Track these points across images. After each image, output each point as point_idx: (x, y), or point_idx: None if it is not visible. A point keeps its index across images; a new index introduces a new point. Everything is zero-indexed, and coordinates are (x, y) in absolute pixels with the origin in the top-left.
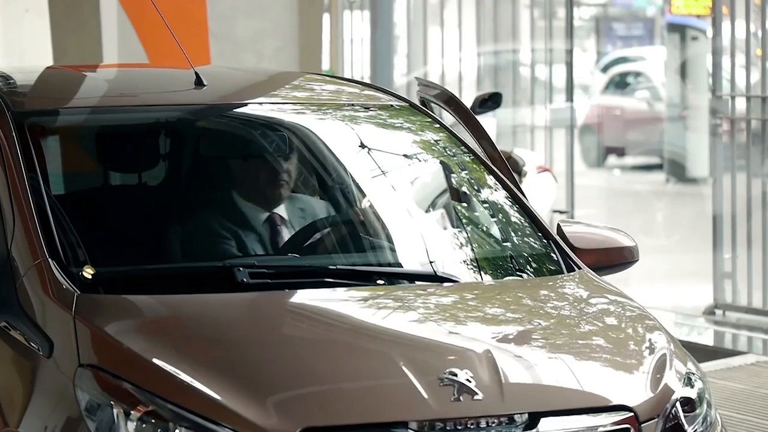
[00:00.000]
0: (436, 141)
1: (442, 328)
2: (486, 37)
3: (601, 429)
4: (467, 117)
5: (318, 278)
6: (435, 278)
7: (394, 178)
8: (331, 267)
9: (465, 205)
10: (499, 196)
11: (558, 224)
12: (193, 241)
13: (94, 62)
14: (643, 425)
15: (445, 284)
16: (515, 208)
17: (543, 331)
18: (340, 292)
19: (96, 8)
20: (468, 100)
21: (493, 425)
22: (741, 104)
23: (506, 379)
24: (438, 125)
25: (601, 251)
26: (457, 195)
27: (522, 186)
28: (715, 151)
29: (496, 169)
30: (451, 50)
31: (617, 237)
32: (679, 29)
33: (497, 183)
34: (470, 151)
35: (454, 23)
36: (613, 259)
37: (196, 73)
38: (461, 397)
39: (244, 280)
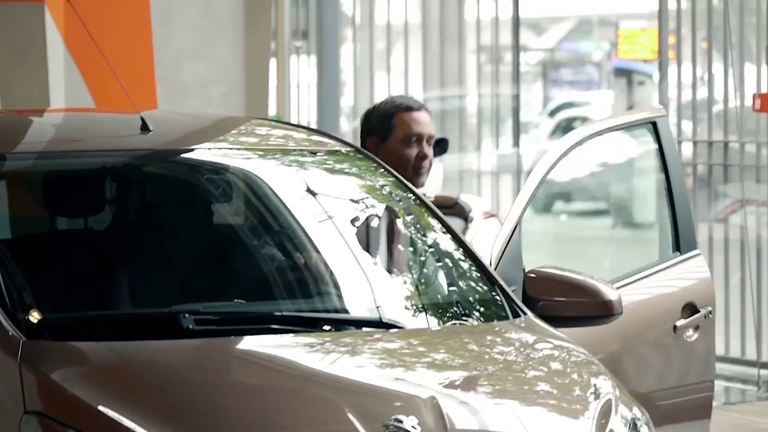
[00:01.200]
0: (382, 186)
1: (388, 375)
2: (432, 82)
3: None
4: None
5: (264, 324)
6: (381, 324)
7: (341, 224)
8: (277, 313)
9: (411, 250)
10: (445, 241)
11: (523, 269)
12: (139, 287)
13: (41, 107)
14: None
15: (392, 330)
16: (461, 254)
17: (489, 377)
18: (287, 338)
19: (43, 53)
20: None
21: None
22: (687, 149)
23: (452, 426)
24: (383, 170)
25: (582, 303)
26: (403, 240)
27: (469, 232)
28: (661, 197)
29: (442, 215)
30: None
31: (601, 287)
32: (625, 74)
33: (443, 228)
34: (416, 196)
35: (401, 68)
36: (596, 311)
37: (141, 119)
38: None
39: (190, 326)
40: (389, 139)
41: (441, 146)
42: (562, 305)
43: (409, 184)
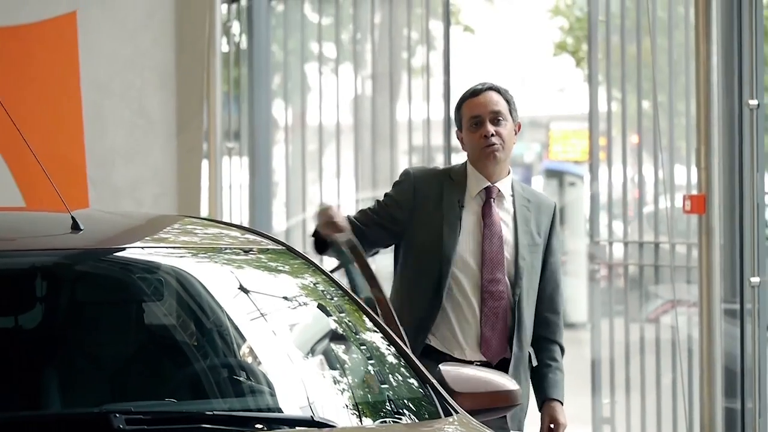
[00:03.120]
0: (314, 284)
1: None
2: (365, 182)
3: None
4: (364, 262)
5: (196, 424)
6: (314, 423)
7: (274, 322)
8: (209, 413)
9: (343, 348)
10: (377, 340)
11: (438, 368)
12: (70, 387)
13: None
14: None
15: (324, 429)
16: (393, 352)
17: None
18: None
19: None
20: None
21: None
22: (618, 250)
23: None
24: (314, 269)
25: (482, 395)
26: (335, 338)
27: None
28: (592, 297)
29: (373, 313)
30: (329, 196)
31: (499, 380)
32: (556, 175)
33: (375, 327)
34: (347, 294)
35: (333, 169)
36: (494, 402)
37: (72, 218)
38: None
39: (121, 426)
40: (463, 130)
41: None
42: (477, 398)
43: (339, 282)
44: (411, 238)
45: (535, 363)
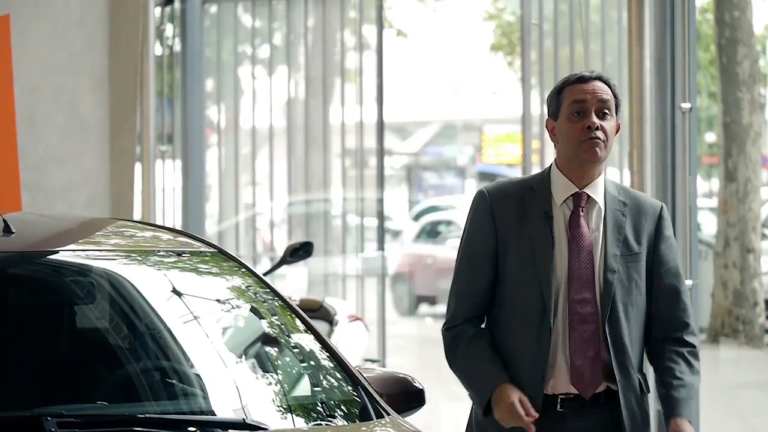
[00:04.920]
0: (247, 287)
1: None
2: (298, 185)
3: None
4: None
5: (128, 427)
6: (246, 426)
7: (206, 324)
8: (140, 415)
9: (276, 351)
10: (310, 342)
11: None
12: (1, 390)
13: None
14: None
15: (257, 431)
16: (325, 355)
17: None
18: None
19: None
20: (280, 250)
21: None
22: None
23: None
24: (246, 270)
25: (391, 396)
26: (267, 341)
27: (334, 335)
28: None
29: (305, 315)
30: (262, 199)
31: (406, 382)
32: (490, 178)
33: (307, 329)
34: (280, 297)
35: (266, 172)
36: (404, 403)
37: (4, 220)
38: None
39: (53, 429)
40: (560, 119)
41: (306, 250)
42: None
43: (271, 285)
44: (503, 270)
45: (648, 390)
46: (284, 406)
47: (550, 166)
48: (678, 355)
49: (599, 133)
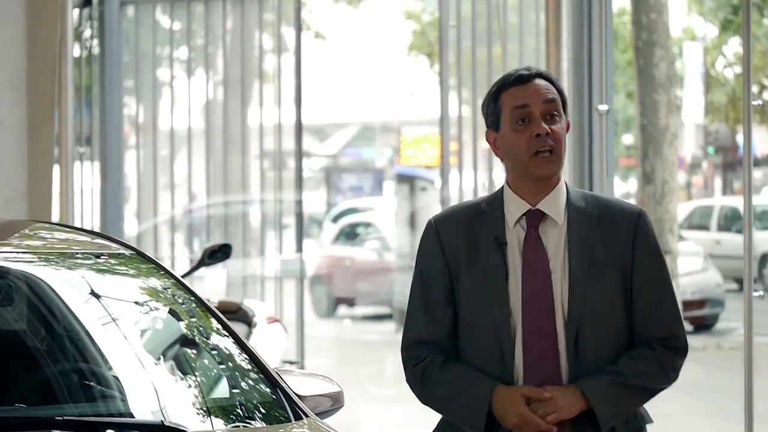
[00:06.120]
0: (164, 288)
1: None
2: (216, 187)
3: None
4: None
5: (45, 429)
6: (164, 428)
7: (125, 326)
8: (59, 417)
9: (194, 353)
10: (228, 344)
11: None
12: None
13: None
14: None
15: None
16: (243, 357)
17: None
18: None
19: None
20: (198, 252)
21: None
22: None
23: None
24: (164, 272)
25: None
26: (185, 342)
27: (252, 337)
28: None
29: (223, 317)
30: (181, 201)
31: (323, 383)
32: (408, 180)
33: (225, 331)
34: (198, 299)
35: (185, 174)
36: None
37: None
38: None
39: None
40: (502, 129)
41: (224, 252)
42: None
43: (190, 286)
44: (459, 309)
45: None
46: (203, 409)
47: (504, 184)
48: (639, 353)
49: (550, 141)
